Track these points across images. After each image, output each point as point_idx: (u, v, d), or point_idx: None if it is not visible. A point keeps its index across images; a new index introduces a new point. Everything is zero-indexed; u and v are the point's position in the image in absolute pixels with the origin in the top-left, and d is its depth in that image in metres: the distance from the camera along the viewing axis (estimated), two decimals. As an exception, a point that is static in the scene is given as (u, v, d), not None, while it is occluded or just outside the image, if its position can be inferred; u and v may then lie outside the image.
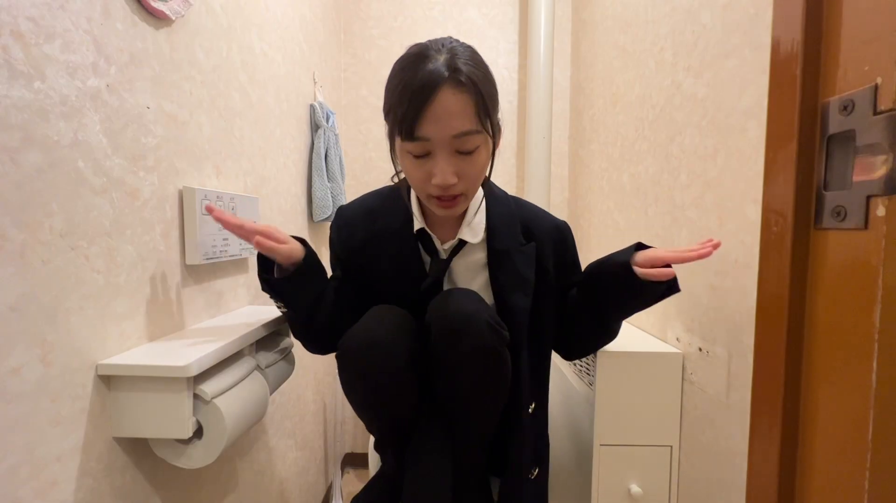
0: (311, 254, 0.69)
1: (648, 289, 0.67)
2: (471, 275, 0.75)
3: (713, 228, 0.79)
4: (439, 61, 0.58)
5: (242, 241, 0.83)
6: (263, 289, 0.69)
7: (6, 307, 0.42)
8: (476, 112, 0.59)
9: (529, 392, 0.75)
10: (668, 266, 0.66)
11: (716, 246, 0.63)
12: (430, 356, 0.66)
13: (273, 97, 1.04)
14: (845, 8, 0.43)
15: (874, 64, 0.40)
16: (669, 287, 0.69)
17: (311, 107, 1.30)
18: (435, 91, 0.57)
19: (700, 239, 0.83)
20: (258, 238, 0.62)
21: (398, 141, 0.62)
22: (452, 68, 0.58)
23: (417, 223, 0.72)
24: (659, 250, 0.66)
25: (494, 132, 0.64)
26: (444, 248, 0.74)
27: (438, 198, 0.64)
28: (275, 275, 0.68)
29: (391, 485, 0.75)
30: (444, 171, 0.61)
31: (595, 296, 0.74)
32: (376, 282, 0.74)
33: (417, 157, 0.62)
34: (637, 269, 0.66)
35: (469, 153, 0.62)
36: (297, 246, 0.68)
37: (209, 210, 0.63)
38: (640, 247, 0.70)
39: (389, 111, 0.63)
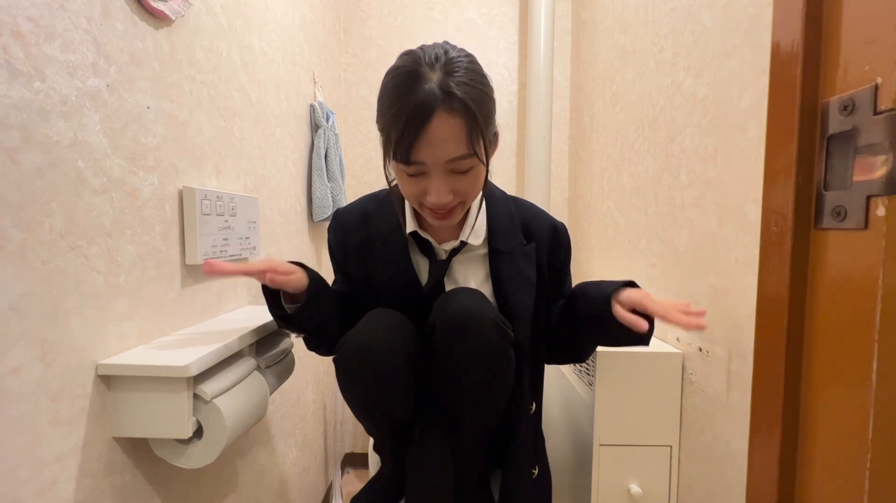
0: (314, 277, 0.68)
1: (618, 331, 0.65)
2: (471, 275, 0.74)
3: (713, 228, 0.79)
4: (433, 81, 0.57)
5: (242, 241, 0.83)
6: (280, 327, 0.70)
7: (6, 307, 0.42)
8: (469, 136, 0.59)
9: (530, 393, 0.75)
10: (651, 318, 0.63)
11: (701, 319, 0.59)
12: (433, 356, 0.65)
13: (273, 97, 1.03)
14: (845, 8, 0.43)
15: (874, 64, 0.40)
16: (639, 338, 0.66)
17: (311, 107, 1.29)
18: (429, 118, 0.56)
19: (700, 238, 0.83)
20: (270, 276, 0.60)
21: (392, 161, 0.62)
22: (446, 91, 0.57)
23: (411, 226, 0.72)
24: (647, 299, 0.63)
25: (487, 147, 0.63)
26: (443, 248, 0.73)
27: (433, 210, 0.64)
28: (284, 308, 0.67)
29: (391, 486, 0.75)
30: (439, 191, 0.61)
31: (571, 316, 0.74)
32: (375, 286, 0.73)
33: (412, 175, 0.62)
34: (616, 307, 0.64)
35: (464, 173, 0.62)
36: (301, 272, 0.66)
37: (206, 265, 0.56)
38: (634, 285, 0.68)
39: (383, 129, 0.62)
